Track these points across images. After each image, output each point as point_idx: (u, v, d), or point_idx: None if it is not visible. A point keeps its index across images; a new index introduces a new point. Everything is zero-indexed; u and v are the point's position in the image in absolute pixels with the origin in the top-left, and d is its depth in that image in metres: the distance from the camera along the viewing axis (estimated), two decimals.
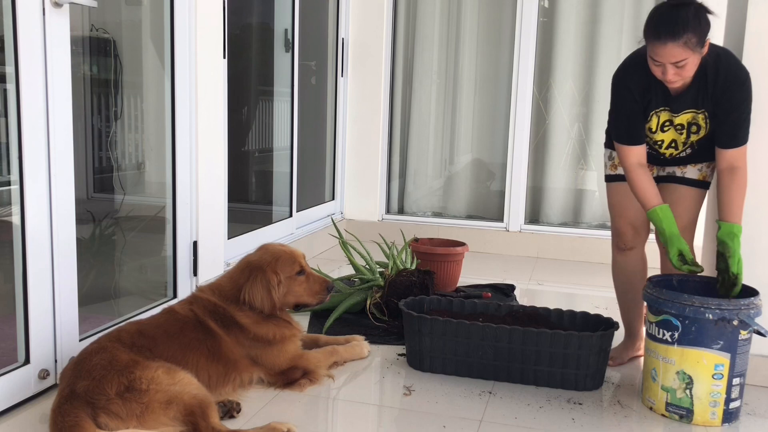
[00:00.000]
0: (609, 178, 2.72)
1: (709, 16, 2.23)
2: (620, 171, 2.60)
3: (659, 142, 2.50)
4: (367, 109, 5.07)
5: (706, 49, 2.25)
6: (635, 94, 2.38)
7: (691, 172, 2.58)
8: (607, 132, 2.71)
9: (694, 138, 2.46)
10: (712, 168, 2.56)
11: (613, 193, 2.71)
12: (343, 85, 5.03)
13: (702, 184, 2.59)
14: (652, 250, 2.71)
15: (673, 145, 2.50)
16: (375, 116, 5.07)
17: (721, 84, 2.30)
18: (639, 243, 2.71)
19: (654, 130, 2.46)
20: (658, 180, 2.59)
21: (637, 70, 2.37)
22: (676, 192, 2.59)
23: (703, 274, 2.67)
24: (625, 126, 2.44)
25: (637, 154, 2.43)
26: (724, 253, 2.32)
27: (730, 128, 2.35)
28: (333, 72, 5.01)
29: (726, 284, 2.31)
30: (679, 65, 2.21)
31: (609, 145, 2.70)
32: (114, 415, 1.84)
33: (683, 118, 2.43)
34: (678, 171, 2.60)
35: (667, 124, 2.45)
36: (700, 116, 2.40)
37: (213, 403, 2.01)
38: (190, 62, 2.98)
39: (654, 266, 2.72)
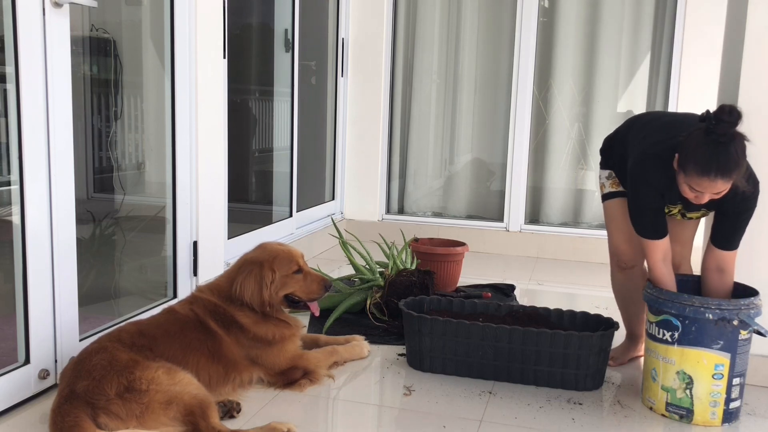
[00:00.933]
0: (609, 196, 2.68)
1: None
2: (621, 188, 2.58)
3: None
4: (367, 109, 5.07)
5: None
6: (658, 191, 2.33)
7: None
8: (603, 152, 2.70)
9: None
10: None
11: (612, 210, 2.67)
12: (343, 85, 5.03)
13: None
14: None
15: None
16: (375, 116, 5.07)
17: (739, 197, 2.25)
18: (639, 261, 2.66)
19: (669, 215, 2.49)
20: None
21: (657, 169, 2.30)
22: (680, 224, 2.61)
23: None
24: (649, 222, 2.38)
25: (663, 249, 2.37)
26: None
27: (732, 232, 2.34)
28: (333, 72, 5.01)
29: None
30: (719, 194, 2.17)
31: (605, 165, 2.68)
32: (114, 416, 1.84)
33: (695, 214, 2.48)
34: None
35: (678, 216, 2.50)
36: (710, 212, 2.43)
37: (213, 403, 2.01)
38: (190, 62, 2.98)
39: None
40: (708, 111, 2.14)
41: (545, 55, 4.83)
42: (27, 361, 2.11)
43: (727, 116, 2.09)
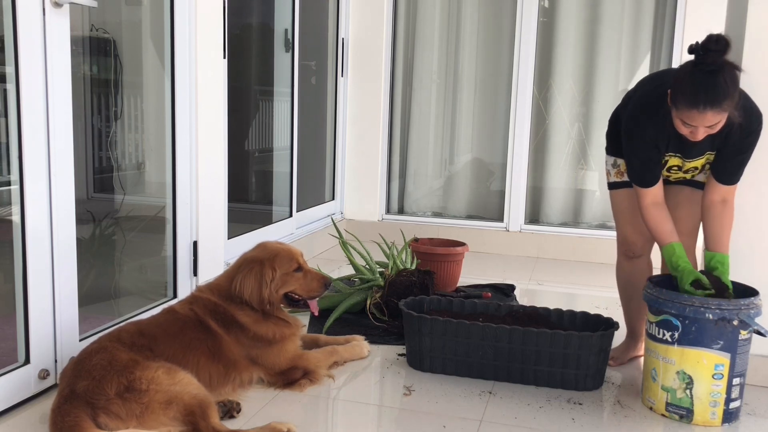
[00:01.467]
0: (614, 185, 2.65)
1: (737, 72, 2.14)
2: (626, 178, 2.55)
3: (664, 177, 2.49)
4: (367, 109, 5.07)
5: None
6: (652, 143, 2.33)
7: (700, 175, 2.51)
8: (608, 136, 2.67)
9: (697, 173, 2.49)
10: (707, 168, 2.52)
11: (619, 200, 2.65)
12: (343, 85, 5.03)
13: (702, 186, 2.53)
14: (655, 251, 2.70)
15: (678, 174, 2.51)
16: (375, 116, 5.07)
17: (738, 131, 2.25)
18: (647, 250, 2.68)
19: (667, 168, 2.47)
20: (672, 182, 2.55)
21: (651, 118, 2.29)
22: (681, 193, 2.56)
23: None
24: (642, 171, 2.39)
25: (653, 194, 2.38)
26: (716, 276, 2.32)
27: (735, 167, 2.35)
28: (333, 72, 5.01)
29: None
30: (713, 128, 2.17)
31: (611, 152, 2.64)
32: (114, 415, 1.84)
33: (694, 164, 2.42)
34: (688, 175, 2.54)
35: (676, 168, 2.46)
36: (711, 156, 2.38)
37: (213, 403, 2.01)
38: (190, 62, 2.98)
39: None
40: (696, 42, 2.12)
41: (545, 55, 4.83)
42: (27, 361, 2.11)
43: (714, 45, 2.07)
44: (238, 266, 2.44)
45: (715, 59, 2.08)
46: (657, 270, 2.72)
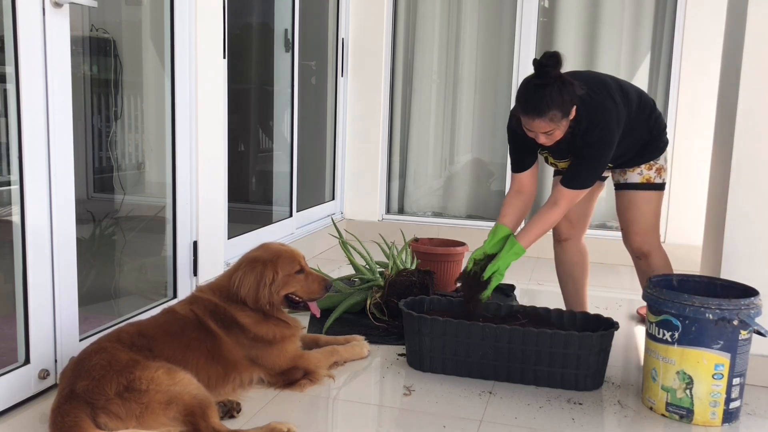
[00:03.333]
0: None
1: (572, 87, 2.42)
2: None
3: (554, 167, 2.84)
4: (367, 109, 5.07)
5: (573, 115, 2.45)
6: (518, 136, 2.61)
7: (632, 177, 2.71)
8: None
9: None
10: (656, 169, 2.68)
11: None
12: (343, 85, 5.03)
13: (648, 187, 2.70)
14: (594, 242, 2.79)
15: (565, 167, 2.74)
16: (375, 116, 5.07)
17: (579, 140, 2.52)
18: (574, 235, 2.92)
19: (549, 162, 2.81)
20: (616, 187, 2.80)
21: (519, 119, 2.54)
22: (626, 197, 2.75)
23: (703, 273, 2.67)
24: (512, 159, 2.77)
25: (517, 181, 2.75)
26: (490, 258, 2.65)
27: (571, 171, 2.60)
28: (333, 72, 5.01)
29: (470, 284, 2.65)
30: (548, 134, 2.46)
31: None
32: (113, 415, 1.84)
33: (563, 164, 2.72)
34: (621, 178, 2.75)
35: (554, 166, 2.78)
36: None
37: (213, 403, 2.01)
38: (190, 62, 2.98)
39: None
40: (535, 58, 2.43)
41: None
42: (27, 361, 2.11)
43: (545, 60, 2.38)
44: (239, 265, 2.44)
45: (545, 73, 2.37)
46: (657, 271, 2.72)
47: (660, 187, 2.71)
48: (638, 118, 2.60)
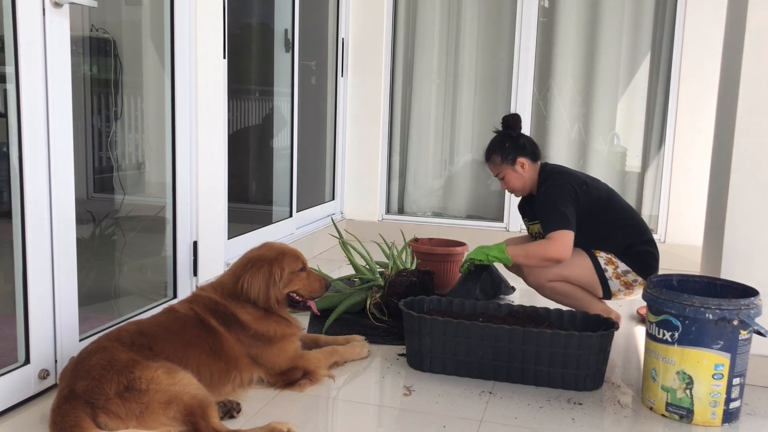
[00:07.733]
0: None
1: (521, 140, 2.97)
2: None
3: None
4: (367, 109, 5.07)
5: (519, 168, 2.97)
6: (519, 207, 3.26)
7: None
8: None
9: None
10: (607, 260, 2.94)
11: None
12: (343, 85, 5.03)
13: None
14: None
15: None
16: (375, 116, 5.07)
17: (539, 192, 2.96)
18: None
19: (533, 233, 3.16)
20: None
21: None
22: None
23: (703, 273, 2.67)
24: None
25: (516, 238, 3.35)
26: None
27: (541, 215, 2.90)
28: (333, 72, 5.01)
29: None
30: (499, 177, 3.04)
31: None
32: (113, 415, 1.84)
33: (535, 227, 3.05)
34: None
35: (539, 235, 3.01)
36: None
37: (213, 403, 2.01)
38: (190, 62, 2.98)
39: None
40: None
41: (545, 55, 4.83)
42: (27, 361, 2.11)
43: (504, 119, 3.06)
44: (243, 265, 2.44)
45: (501, 128, 3.06)
46: (661, 271, 2.72)
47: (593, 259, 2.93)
48: (604, 216, 2.91)
